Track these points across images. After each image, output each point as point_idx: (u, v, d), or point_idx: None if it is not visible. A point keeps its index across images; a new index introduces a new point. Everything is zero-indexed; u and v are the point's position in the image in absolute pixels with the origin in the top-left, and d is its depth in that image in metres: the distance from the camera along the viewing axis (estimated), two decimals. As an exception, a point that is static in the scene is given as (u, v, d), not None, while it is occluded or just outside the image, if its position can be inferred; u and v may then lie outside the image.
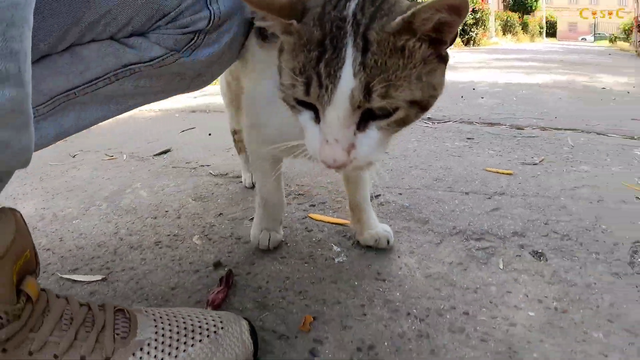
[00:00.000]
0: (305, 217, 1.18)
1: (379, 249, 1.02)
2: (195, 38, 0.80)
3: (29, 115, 0.48)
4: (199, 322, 0.62)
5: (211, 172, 1.54)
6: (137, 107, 0.94)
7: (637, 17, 12.65)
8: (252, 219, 1.18)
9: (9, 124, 0.46)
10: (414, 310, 0.80)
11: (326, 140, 0.54)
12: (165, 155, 1.73)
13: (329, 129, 0.54)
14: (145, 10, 0.77)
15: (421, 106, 0.57)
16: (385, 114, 0.55)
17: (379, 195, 1.33)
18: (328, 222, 1.14)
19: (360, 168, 0.60)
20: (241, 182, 1.43)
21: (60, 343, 0.54)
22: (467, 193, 1.37)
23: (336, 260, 0.97)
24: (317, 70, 0.53)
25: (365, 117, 0.55)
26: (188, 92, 0.96)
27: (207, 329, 0.61)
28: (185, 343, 0.59)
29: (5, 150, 0.47)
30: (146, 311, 0.63)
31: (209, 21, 0.79)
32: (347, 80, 0.52)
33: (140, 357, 0.55)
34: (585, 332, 0.76)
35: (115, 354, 0.55)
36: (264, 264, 0.95)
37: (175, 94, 0.97)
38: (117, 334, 0.57)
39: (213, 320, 0.63)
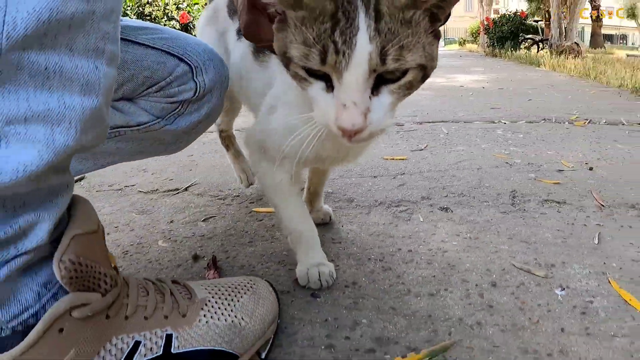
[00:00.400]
0: (251, 211, 1.38)
1: (324, 224, 1.25)
2: (180, 107, 0.89)
3: (112, 95, 0.59)
4: (236, 283, 0.78)
5: (140, 190, 1.65)
6: (113, 164, 1.00)
7: (483, 20, 14.58)
8: (204, 220, 1.35)
9: (107, 100, 0.54)
10: (372, 256, 1.05)
11: (343, 105, 0.58)
12: (82, 182, 1.79)
13: (347, 92, 0.58)
14: (138, 78, 0.85)
15: (425, 72, 0.62)
16: (395, 78, 0.60)
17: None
18: (272, 212, 1.35)
19: (374, 135, 0.63)
20: (176, 193, 1.58)
21: (147, 307, 0.64)
22: (375, 177, 1.66)
23: (295, 235, 1.19)
24: (333, 38, 0.56)
25: (377, 83, 0.60)
26: (164, 154, 1.04)
27: (245, 286, 0.78)
28: (236, 296, 0.74)
29: (101, 124, 0.55)
30: (190, 283, 0.78)
31: (195, 92, 0.88)
32: (364, 45, 0.56)
33: (208, 310, 0.70)
34: (495, 246, 1.07)
35: (189, 310, 0.68)
36: (237, 250, 1.13)
37: (152, 156, 1.04)
38: (183, 297, 0.71)
39: (244, 280, 0.80)
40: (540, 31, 13.44)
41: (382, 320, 0.81)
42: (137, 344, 0.61)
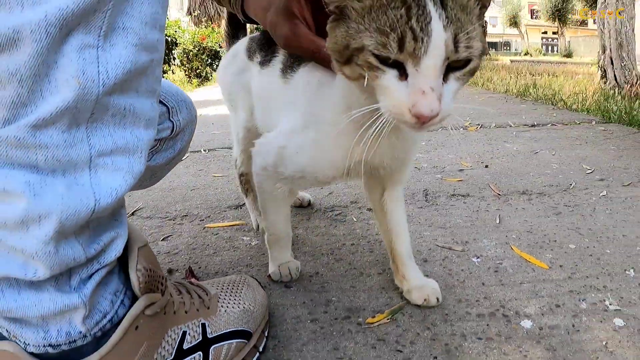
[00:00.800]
0: (204, 227, 1.55)
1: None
2: (157, 145, 0.94)
3: None
4: (232, 280, 0.96)
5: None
6: None
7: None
8: (163, 239, 1.51)
9: (154, 129, 0.64)
10: (324, 252, 1.29)
11: (422, 92, 0.61)
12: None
13: (426, 78, 0.61)
14: None
15: (481, 60, 0.67)
16: (460, 66, 0.64)
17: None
18: (225, 226, 1.55)
19: (442, 120, 0.65)
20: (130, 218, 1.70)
21: (185, 302, 0.78)
22: (305, 188, 1.91)
23: (253, 243, 1.39)
24: (410, 24, 0.59)
25: (445, 71, 0.63)
26: (140, 189, 1.12)
27: (240, 281, 0.96)
28: (238, 289, 0.93)
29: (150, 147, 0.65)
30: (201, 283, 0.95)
31: (172, 131, 0.95)
32: (440, 33, 0.59)
33: (223, 302, 0.87)
34: (420, 233, 1.37)
35: (210, 303, 0.85)
36: (205, 261, 1.31)
37: (130, 190, 1.11)
38: (202, 294, 0.87)
39: (237, 277, 0.98)
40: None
41: (347, 297, 1.05)
42: (184, 333, 0.75)
